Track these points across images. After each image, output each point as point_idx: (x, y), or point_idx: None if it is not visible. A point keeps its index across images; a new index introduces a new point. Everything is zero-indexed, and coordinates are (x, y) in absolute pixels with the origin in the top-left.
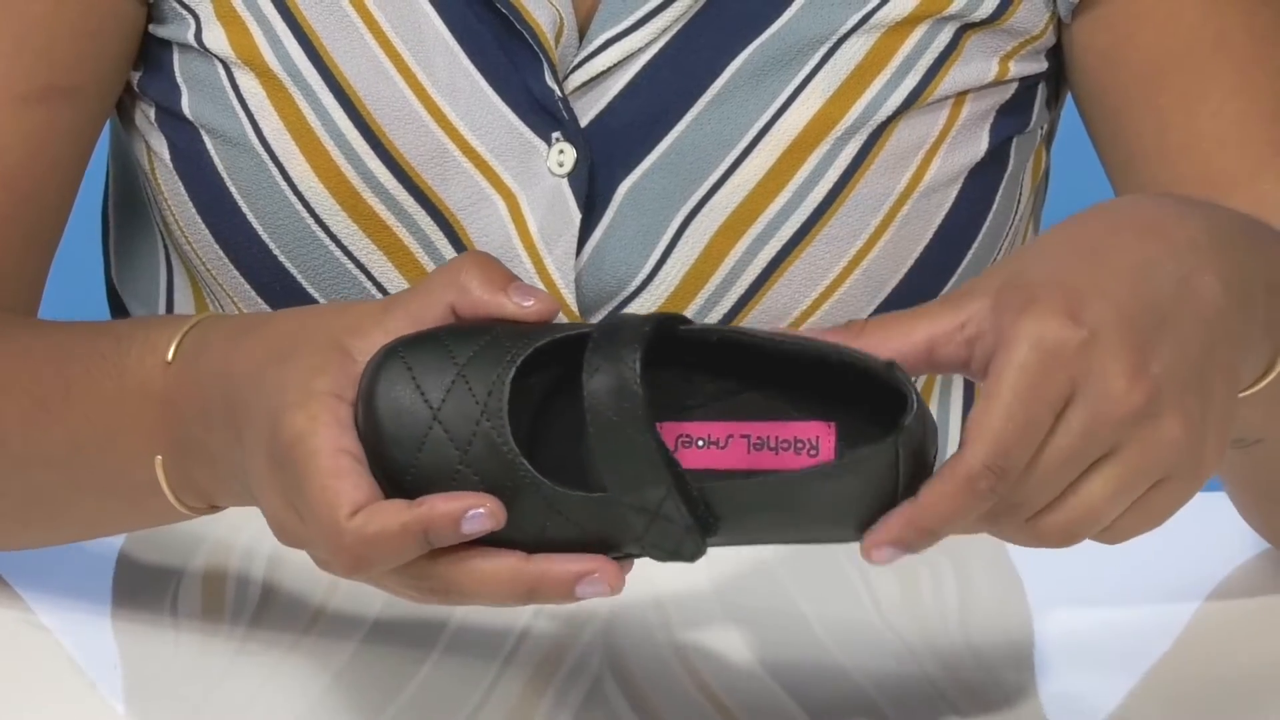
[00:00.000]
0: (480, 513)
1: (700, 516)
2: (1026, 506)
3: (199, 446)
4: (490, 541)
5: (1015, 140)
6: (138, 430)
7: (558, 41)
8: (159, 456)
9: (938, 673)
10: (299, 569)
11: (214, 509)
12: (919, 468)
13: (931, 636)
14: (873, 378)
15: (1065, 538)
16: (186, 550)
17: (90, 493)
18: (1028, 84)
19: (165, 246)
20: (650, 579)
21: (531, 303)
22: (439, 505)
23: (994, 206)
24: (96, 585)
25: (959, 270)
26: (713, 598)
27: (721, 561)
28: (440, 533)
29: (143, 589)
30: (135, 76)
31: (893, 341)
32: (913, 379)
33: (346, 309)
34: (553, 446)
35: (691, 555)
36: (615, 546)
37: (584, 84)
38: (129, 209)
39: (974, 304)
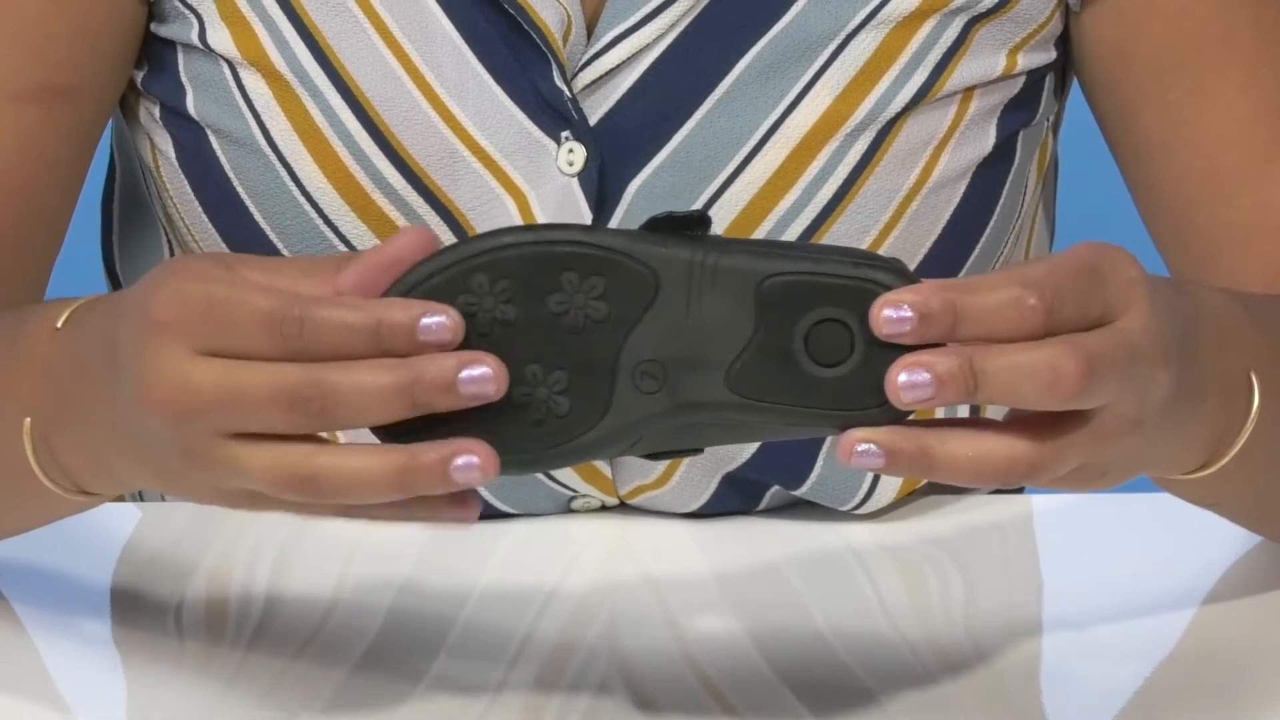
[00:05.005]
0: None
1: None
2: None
3: (71, 402)
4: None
5: (1022, 133)
6: (14, 396)
7: (565, 40)
8: (27, 420)
9: (941, 672)
10: (304, 574)
11: (83, 493)
12: None
13: (936, 636)
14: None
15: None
16: (190, 556)
17: None
18: (1035, 76)
19: (170, 242)
20: (654, 579)
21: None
22: (398, 309)
23: (1001, 200)
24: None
25: (966, 265)
26: (718, 597)
27: (726, 562)
28: (396, 336)
29: (146, 597)
30: (139, 75)
31: None
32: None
33: None
34: None
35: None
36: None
37: (592, 82)
38: (133, 202)
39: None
